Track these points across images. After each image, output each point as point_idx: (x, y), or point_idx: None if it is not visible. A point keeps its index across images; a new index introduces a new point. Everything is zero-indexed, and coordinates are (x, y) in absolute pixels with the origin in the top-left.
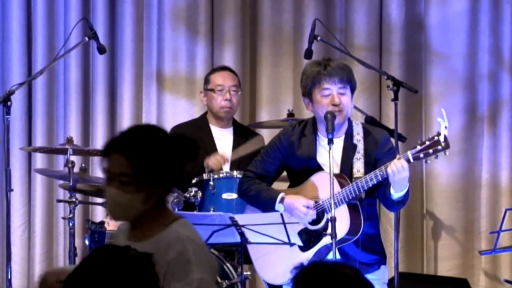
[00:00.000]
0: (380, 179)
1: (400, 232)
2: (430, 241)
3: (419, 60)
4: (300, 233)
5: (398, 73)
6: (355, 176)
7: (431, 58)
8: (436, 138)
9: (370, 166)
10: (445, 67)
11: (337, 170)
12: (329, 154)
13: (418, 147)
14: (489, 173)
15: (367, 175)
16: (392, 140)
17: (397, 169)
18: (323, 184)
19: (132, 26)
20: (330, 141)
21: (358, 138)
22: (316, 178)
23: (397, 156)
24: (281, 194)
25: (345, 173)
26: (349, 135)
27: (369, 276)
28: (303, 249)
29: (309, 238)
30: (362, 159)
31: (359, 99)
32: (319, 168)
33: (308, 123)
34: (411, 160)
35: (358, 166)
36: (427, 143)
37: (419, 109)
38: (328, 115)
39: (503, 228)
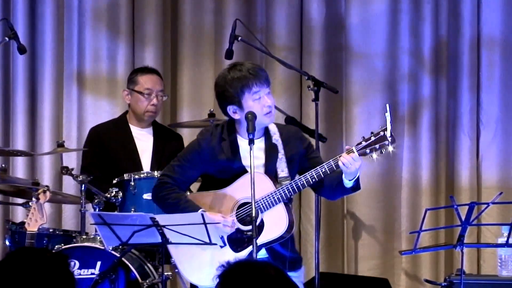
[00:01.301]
0: (328, 172)
1: (320, 232)
2: (351, 241)
3: (340, 60)
4: (234, 234)
5: (318, 73)
6: (280, 176)
7: (351, 58)
8: (381, 133)
9: (292, 164)
10: (365, 67)
11: (261, 171)
12: (250, 155)
13: (363, 143)
14: (409, 173)
15: (309, 172)
16: (313, 140)
17: (348, 161)
18: (256, 184)
19: (53, 26)
20: (251, 142)
21: (276, 137)
22: (245, 179)
23: (345, 150)
24: (200, 210)
25: (270, 173)
26: (268, 135)
27: (294, 275)
28: (236, 249)
29: (242, 238)
30: (284, 158)
31: (280, 100)
32: (242, 170)
33: (224, 126)
34: (357, 156)
35: (282, 166)
36: (373, 138)
37: (339, 109)
38: (249, 115)
39: (423, 228)
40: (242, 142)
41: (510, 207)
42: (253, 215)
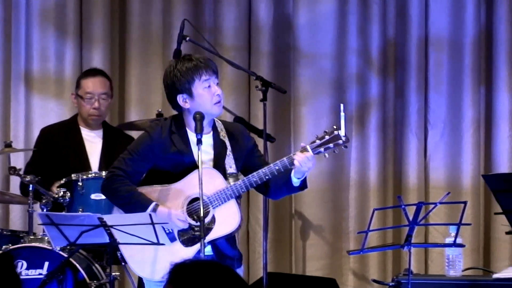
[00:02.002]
0: (282, 170)
1: (268, 233)
2: (299, 241)
3: (288, 61)
4: (184, 230)
5: (266, 73)
6: (228, 172)
7: (299, 59)
8: (335, 132)
9: (239, 161)
10: (313, 67)
11: (210, 166)
12: (198, 155)
13: (318, 141)
14: (357, 173)
15: (262, 169)
16: (261, 140)
17: (303, 160)
18: (206, 179)
19: (0, 26)
20: (199, 142)
21: (223, 134)
22: (196, 174)
23: (300, 148)
24: (153, 204)
25: (219, 169)
26: (216, 131)
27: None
28: (187, 244)
29: (193, 233)
30: (231, 154)
31: (228, 100)
32: (193, 164)
33: (172, 120)
34: (311, 154)
35: (230, 162)
36: (327, 137)
37: (287, 110)
38: (197, 115)
39: (371, 228)
40: (192, 135)
41: (458, 207)
42: (201, 214)
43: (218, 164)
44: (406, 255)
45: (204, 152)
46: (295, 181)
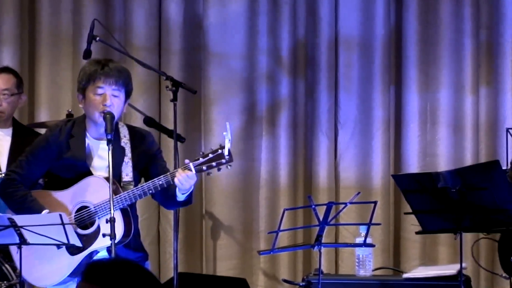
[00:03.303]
0: (165, 186)
1: (179, 233)
2: (209, 242)
3: (198, 61)
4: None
5: (177, 73)
6: (124, 180)
7: (210, 59)
8: (219, 151)
9: (137, 169)
10: (224, 67)
11: (106, 174)
12: (108, 155)
13: (201, 159)
14: (268, 173)
15: (147, 184)
16: (172, 140)
17: (183, 179)
18: (94, 188)
19: None
20: (109, 142)
21: (125, 141)
22: (86, 182)
23: (182, 167)
24: (45, 211)
25: (114, 177)
26: (116, 137)
27: None
28: (73, 252)
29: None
30: (130, 162)
31: (138, 100)
32: (87, 170)
33: (75, 122)
34: (193, 172)
35: (127, 170)
36: (210, 155)
37: (198, 110)
38: (107, 115)
39: (281, 228)
40: (90, 140)
41: (368, 207)
42: (112, 215)
43: (114, 172)
44: (317, 255)
45: (101, 159)
46: (180, 196)
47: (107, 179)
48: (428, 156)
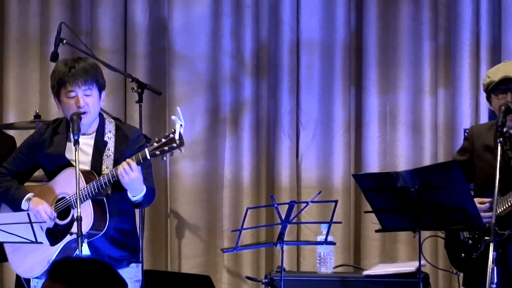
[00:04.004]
0: (111, 180)
1: (144, 231)
2: (174, 240)
3: (163, 63)
4: (51, 227)
5: (142, 75)
6: (103, 173)
7: (174, 61)
8: (171, 135)
9: (119, 163)
10: (188, 69)
11: (88, 167)
12: (74, 155)
13: (155, 144)
14: (231, 173)
15: (107, 173)
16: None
17: (125, 170)
18: (70, 180)
19: None
20: (76, 142)
21: (110, 135)
22: (64, 174)
23: (128, 159)
24: (29, 195)
25: (95, 170)
26: (100, 132)
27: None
28: (53, 243)
29: (58, 232)
30: (112, 156)
31: (104, 101)
32: (68, 165)
33: (62, 121)
34: (148, 157)
35: (108, 163)
36: (163, 140)
37: (163, 111)
38: (74, 116)
39: (244, 227)
40: (72, 137)
41: (329, 206)
42: (78, 214)
43: (94, 165)
44: (279, 253)
45: (83, 153)
46: (130, 196)
47: (83, 171)
48: (387, 156)
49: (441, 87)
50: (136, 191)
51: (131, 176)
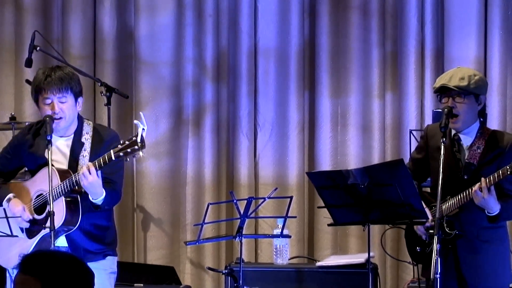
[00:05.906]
0: (74, 185)
1: None
2: (140, 233)
3: (130, 68)
4: (30, 221)
5: (111, 80)
6: (78, 171)
7: (140, 66)
8: (134, 138)
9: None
10: (153, 74)
11: (65, 167)
12: (48, 155)
13: (119, 146)
14: (194, 171)
15: (74, 175)
16: None
17: (84, 174)
18: (47, 178)
19: None
20: (49, 143)
21: (87, 137)
22: (42, 172)
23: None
24: (10, 195)
25: (72, 169)
26: (78, 134)
27: (92, 265)
28: (30, 236)
29: (35, 226)
30: (88, 156)
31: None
32: (47, 164)
33: (44, 123)
34: (113, 158)
35: (83, 163)
36: (127, 142)
37: (130, 113)
38: (47, 118)
39: (206, 221)
40: (53, 138)
41: (284, 202)
42: (51, 209)
43: (71, 164)
44: (238, 245)
45: (61, 153)
46: (92, 200)
47: (59, 170)
48: (339, 155)
49: (388, 91)
50: (95, 194)
51: (89, 179)
